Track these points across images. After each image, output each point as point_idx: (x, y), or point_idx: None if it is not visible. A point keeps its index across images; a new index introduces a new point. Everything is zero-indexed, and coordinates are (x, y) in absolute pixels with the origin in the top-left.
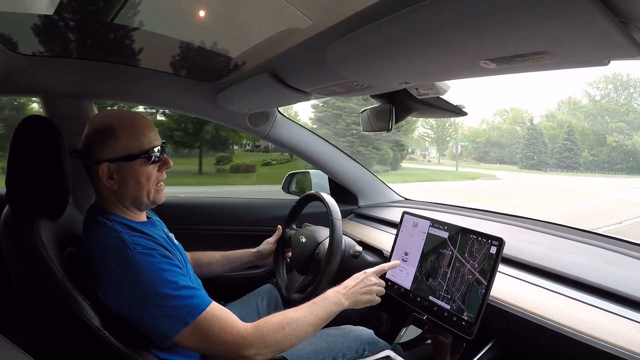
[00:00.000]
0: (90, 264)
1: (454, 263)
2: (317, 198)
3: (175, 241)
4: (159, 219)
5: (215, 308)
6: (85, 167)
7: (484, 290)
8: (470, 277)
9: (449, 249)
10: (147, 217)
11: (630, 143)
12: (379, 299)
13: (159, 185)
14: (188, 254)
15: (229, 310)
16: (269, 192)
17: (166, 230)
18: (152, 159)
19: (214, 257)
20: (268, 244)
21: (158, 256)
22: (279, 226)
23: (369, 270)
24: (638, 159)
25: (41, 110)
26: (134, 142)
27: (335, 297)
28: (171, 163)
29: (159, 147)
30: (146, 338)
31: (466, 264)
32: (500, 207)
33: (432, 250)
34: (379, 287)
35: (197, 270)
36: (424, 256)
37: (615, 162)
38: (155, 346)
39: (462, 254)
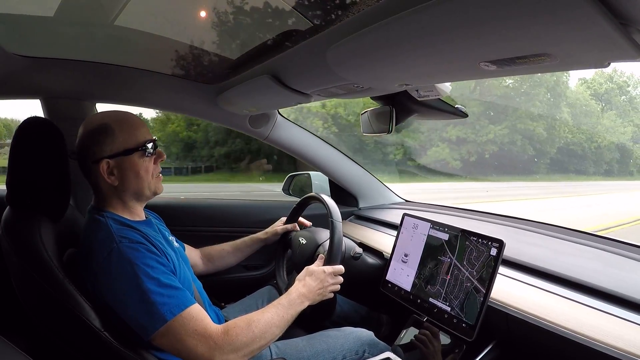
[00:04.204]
0: (84, 260)
1: (452, 270)
2: (318, 199)
3: (176, 244)
4: (161, 223)
5: (193, 310)
6: (84, 168)
7: (482, 298)
8: (468, 284)
9: (448, 256)
10: (145, 217)
11: None
12: (332, 295)
13: (158, 176)
14: (198, 251)
15: (205, 313)
16: None
17: (166, 233)
18: (148, 152)
19: (225, 250)
20: (275, 227)
21: (143, 250)
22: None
23: (328, 270)
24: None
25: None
26: (130, 136)
27: (299, 299)
28: (165, 156)
29: (152, 142)
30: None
31: (465, 271)
32: None
33: (431, 256)
34: (335, 286)
35: (209, 266)
36: (423, 261)
37: None
38: (155, 347)
39: (461, 261)
